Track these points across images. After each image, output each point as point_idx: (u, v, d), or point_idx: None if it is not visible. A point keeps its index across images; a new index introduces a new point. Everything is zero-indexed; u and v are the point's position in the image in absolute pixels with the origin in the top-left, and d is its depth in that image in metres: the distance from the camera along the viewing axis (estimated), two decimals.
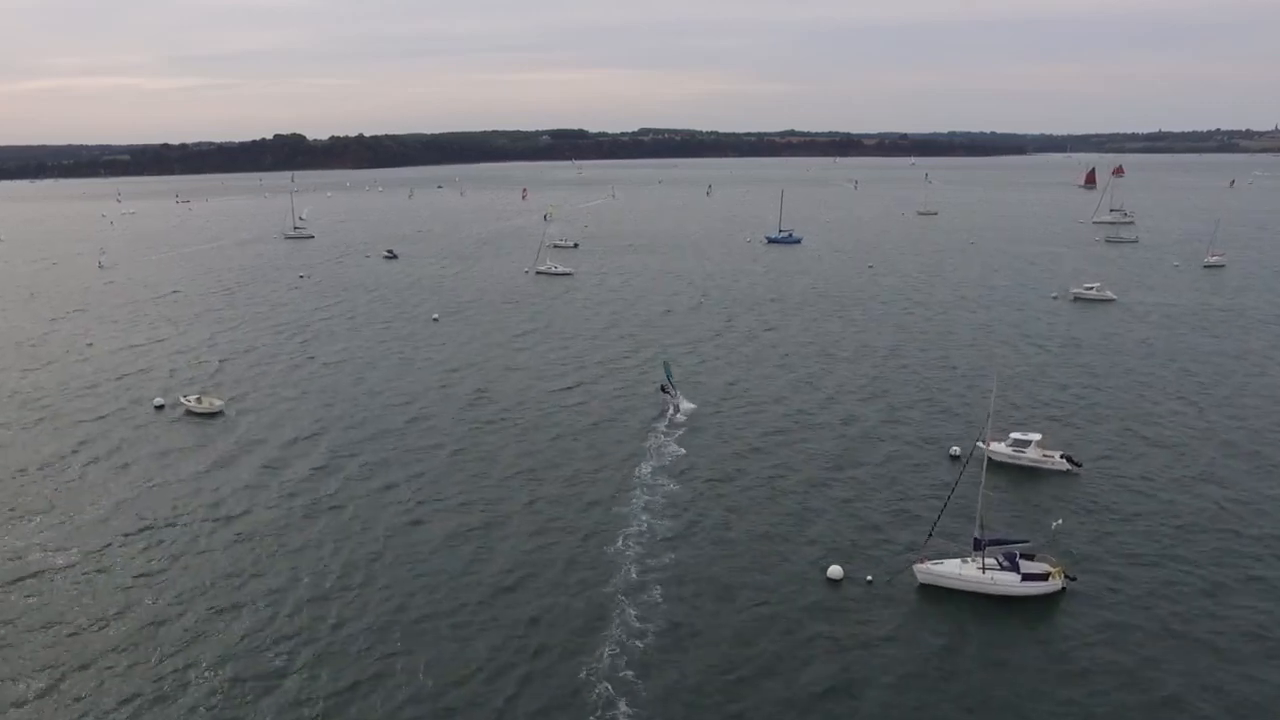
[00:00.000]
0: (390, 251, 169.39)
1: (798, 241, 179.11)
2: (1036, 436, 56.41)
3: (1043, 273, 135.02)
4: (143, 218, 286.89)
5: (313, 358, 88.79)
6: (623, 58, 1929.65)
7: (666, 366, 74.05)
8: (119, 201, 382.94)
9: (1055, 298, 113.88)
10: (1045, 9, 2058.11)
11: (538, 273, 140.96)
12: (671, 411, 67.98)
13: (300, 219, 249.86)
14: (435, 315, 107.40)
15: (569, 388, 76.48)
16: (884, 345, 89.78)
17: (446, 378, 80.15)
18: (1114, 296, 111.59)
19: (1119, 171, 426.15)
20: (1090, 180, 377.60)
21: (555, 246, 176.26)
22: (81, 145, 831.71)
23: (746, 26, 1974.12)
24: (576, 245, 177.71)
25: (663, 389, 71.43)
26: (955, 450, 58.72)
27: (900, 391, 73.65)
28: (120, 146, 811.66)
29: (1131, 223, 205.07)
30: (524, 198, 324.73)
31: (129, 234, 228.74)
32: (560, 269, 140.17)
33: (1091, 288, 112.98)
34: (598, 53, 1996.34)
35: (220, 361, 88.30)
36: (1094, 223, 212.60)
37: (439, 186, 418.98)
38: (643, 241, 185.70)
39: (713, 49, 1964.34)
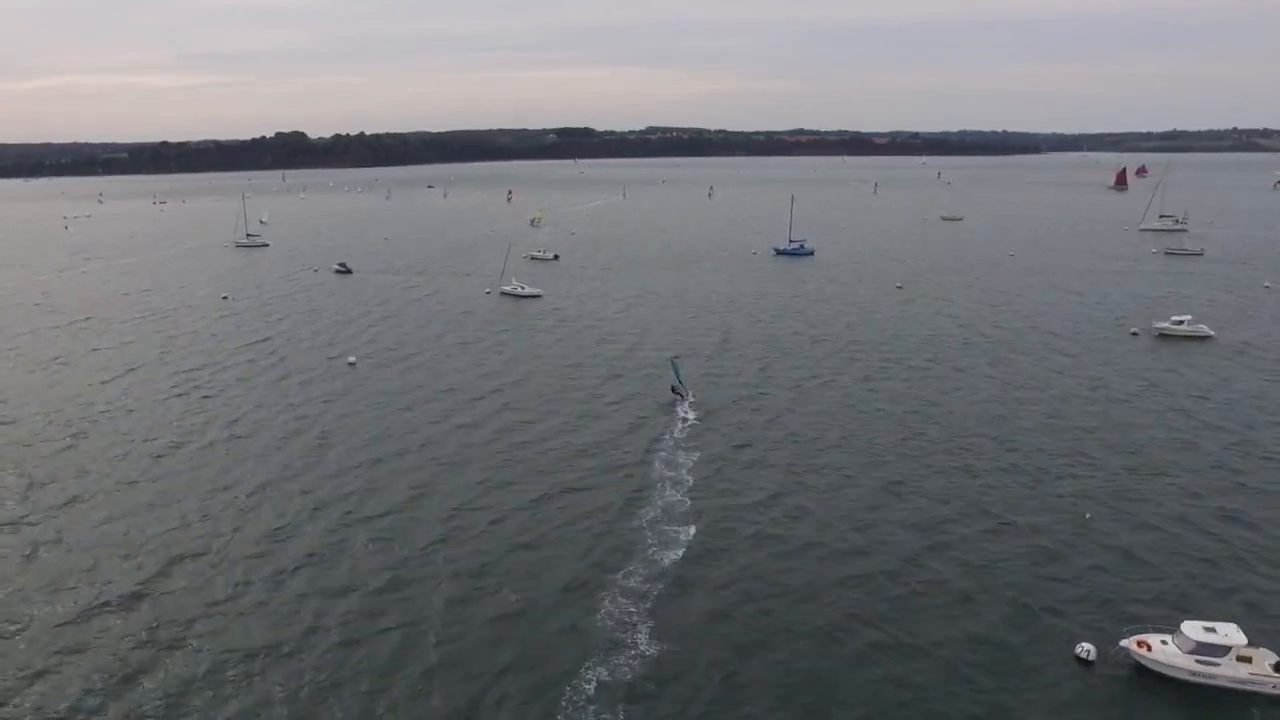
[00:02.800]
0: (342, 265, 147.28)
1: (810, 254, 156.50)
2: (1239, 639, 33.01)
3: (1109, 297, 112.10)
4: (104, 221, 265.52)
5: (167, 431, 66.24)
6: (630, 56, 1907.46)
7: (675, 365, 72.72)
8: (100, 202, 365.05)
9: (1135, 333, 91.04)
10: (1048, 8, 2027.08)
11: (501, 293, 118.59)
12: (682, 413, 66.03)
13: (262, 221, 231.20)
14: (351, 359, 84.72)
15: (520, 511, 52.53)
16: (943, 419, 65.79)
17: (334, 479, 56.94)
18: (1210, 333, 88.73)
19: (1143, 171, 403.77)
20: (1121, 181, 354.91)
21: (533, 258, 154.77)
22: (85, 144, 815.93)
23: (755, 25, 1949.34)
24: (557, 257, 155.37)
25: (673, 389, 70.58)
26: (1086, 650, 35.04)
27: (980, 510, 50.31)
28: (122, 145, 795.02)
29: (1185, 230, 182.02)
30: (510, 200, 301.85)
31: (78, 241, 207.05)
32: (527, 290, 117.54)
33: (1181, 321, 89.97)
34: (604, 51, 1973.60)
35: (45, 441, 66.09)
36: (1141, 230, 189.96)
37: (429, 186, 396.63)
38: (635, 252, 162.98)
39: (721, 47, 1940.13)
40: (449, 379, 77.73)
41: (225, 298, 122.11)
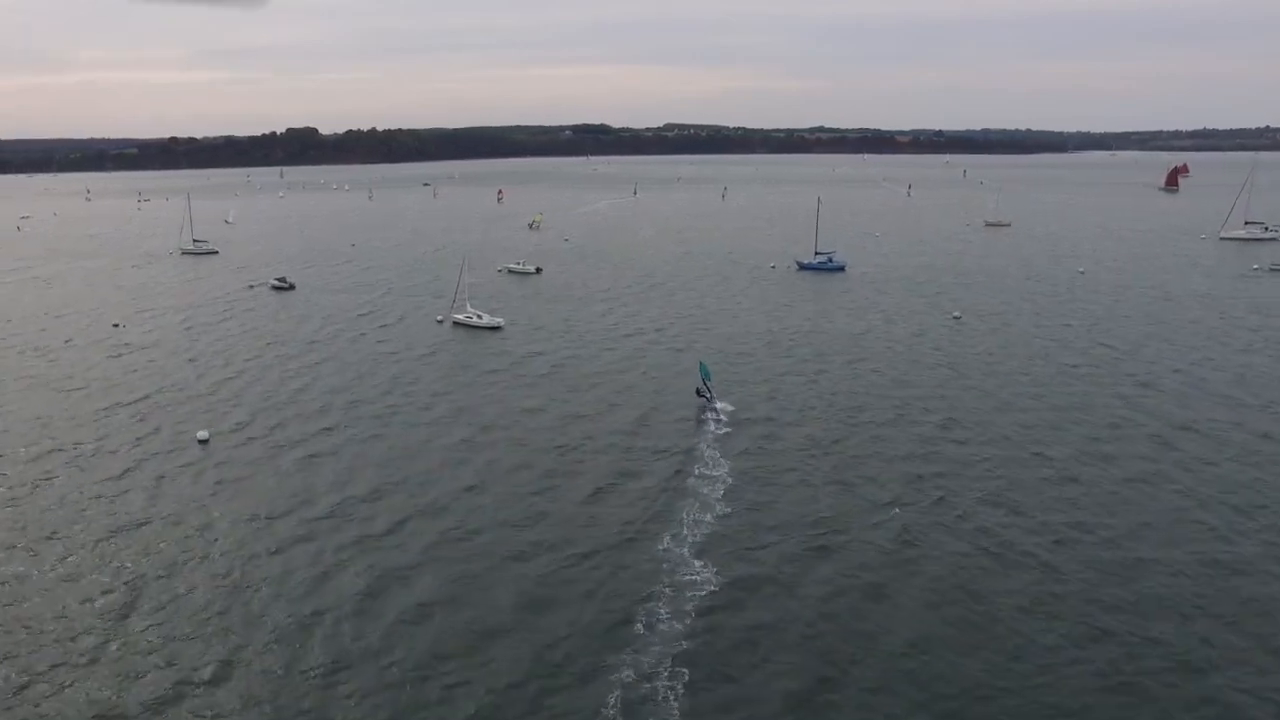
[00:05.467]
0: (282, 280, 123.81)
1: (840, 269, 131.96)
2: None
3: (1238, 335, 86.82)
4: (67, 223, 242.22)
5: None
6: (647, 53, 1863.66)
7: (704, 367, 67.00)
8: (88, 199, 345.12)
9: None
10: (1070, 4, 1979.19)
11: (454, 323, 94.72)
12: (711, 416, 60.90)
13: (227, 222, 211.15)
14: (202, 434, 60.46)
15: None
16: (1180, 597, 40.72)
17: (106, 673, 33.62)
18: None
19: (1184, 170, 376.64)
20: (1172, 181, 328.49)
21: (510, 270, 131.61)
22: (99, 139, 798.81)
23: (773, 22, 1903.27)
24: (539, 270, 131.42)
25: (698, 392, 64.90)
26: None
27: None
28: (136, 140, 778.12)
29: (1276, 238, 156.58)
30: (500, 200, 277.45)
31: (20, 247, 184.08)
32: (485, 321, 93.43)
33: None
34: (622, 48, 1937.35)
35: None
36: (1223, 239, 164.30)
37: (425, 184, 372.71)
38: (634, 265, 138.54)
39: (739, 44, 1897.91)
40: (351, 482, 53.32)
41: (117, 326, 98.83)
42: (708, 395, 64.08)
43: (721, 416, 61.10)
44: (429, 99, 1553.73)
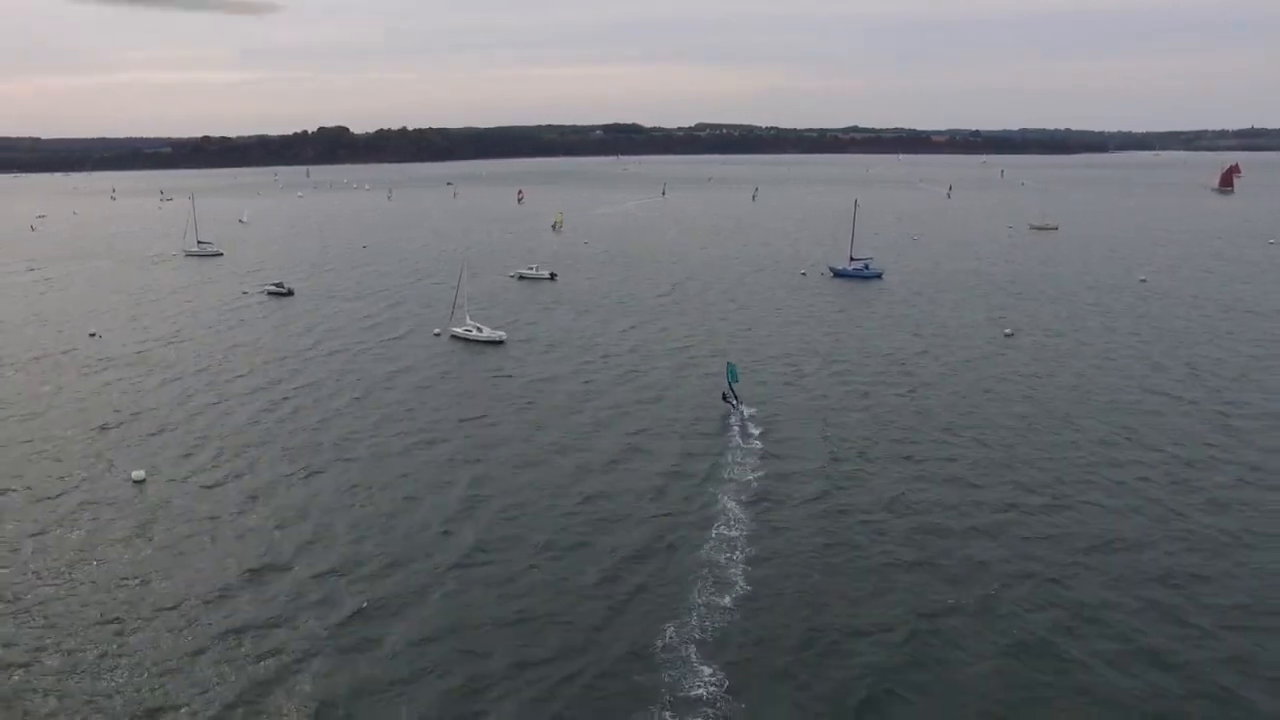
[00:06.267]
0: (279, 285, 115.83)
1: (877, 276, 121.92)
2: None
3: None
4: (84, 223, 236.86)
5: None
6: (679, 53, 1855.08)
7: (731, 369, 63.18)
8: (113, 198, 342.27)
9: None
10: (1109, 2, 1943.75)
11: (452, 336, 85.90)
12: (736, 424, 57.82)
13: (241, 221, 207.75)
14: (138, 473, 51.46)
15: None
16: None
17: None
18: None
19: (1238, 170, 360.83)
20: (1226, 182, 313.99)
21: (522, 276, 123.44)
22: (136, 138, 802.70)
23: (807, 21, 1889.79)
24: (553, 276, 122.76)
25: (724, 397, 61.78)
26: None
27: None
28: (170, 139, 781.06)
29: None
30: (520, 200, 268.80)
31: (31, 247, 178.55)
32: (485, 334, 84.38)
33: None
34: (653, 48, 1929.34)
35: None
36: None
37: (448, 183, 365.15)
38: (656, 271, 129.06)
39: (773, 44, 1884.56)
40: (289, 542, 44.44)
41: (94, 335, 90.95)
42: (733, 402, 61.36)
43: (748, 421, 58.61)
44: (459, 97, 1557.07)
